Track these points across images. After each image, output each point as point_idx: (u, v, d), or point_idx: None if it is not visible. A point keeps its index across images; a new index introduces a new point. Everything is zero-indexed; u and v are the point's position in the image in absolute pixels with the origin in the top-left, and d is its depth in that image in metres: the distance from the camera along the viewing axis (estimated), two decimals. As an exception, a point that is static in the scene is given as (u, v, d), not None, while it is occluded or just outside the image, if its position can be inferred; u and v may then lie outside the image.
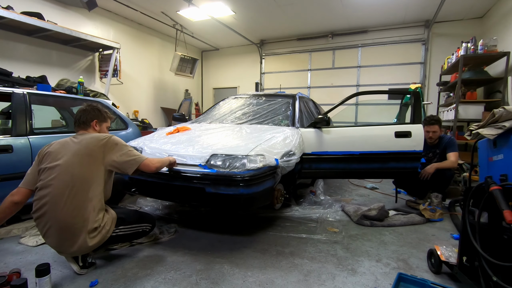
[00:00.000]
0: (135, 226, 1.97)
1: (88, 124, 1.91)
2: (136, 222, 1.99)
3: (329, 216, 2.94)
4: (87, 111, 1.92)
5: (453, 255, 1.84)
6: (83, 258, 1.84)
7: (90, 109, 1.93)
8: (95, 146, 1.76)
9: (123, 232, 1.90)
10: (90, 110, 1.93)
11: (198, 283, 1.75)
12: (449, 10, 5.88)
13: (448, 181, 3.15)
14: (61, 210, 1.65)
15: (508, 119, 1.74)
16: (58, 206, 1.65)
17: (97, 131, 1.93)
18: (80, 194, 1.68)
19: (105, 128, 2.01)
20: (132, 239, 2.10)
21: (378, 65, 7.37)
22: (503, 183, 1.45)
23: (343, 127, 3.08)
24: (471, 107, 4.83)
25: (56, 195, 1.66)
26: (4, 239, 2.37)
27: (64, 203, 1.65)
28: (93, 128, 1.92)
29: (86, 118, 1.90)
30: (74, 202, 1.66)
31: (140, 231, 2.02)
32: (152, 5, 6.04)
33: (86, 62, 5.91)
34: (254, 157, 2.17)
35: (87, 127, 1.91)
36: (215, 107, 4.00)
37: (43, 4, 4.99)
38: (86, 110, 1.92)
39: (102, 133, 1.90)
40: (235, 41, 8.53)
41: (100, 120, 1.96)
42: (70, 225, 1.66)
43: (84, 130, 1.90)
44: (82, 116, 1.90)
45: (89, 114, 1.91)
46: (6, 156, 2.39)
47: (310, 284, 1.76)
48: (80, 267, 1.81)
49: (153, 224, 2.12)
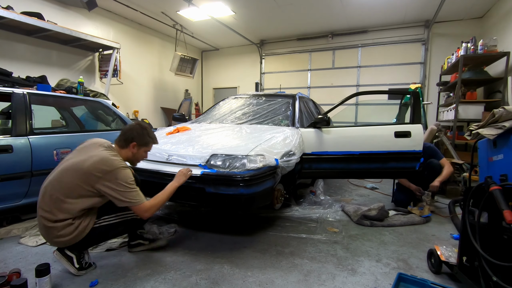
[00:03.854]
0: (120, 214, 1.85)
1: (127, 145, 1.85)
2: (121, 210, 1.85)
3: (329, 216, 2.94)
4: (131, 129, 1.87)
5: (453, 255, 1.84)
6: (78, 258, 1.80)
7: (135, 128, 1.88)
8: (95, 171, 1.66)
9: (108, 221, 1.81)
10: (134, 130, 1.87)
11: (198, 283, 1.75)
12: (449, 10, 5.88)
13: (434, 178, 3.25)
14: (41, 202, 1.72)
15: (508, 119, 1.74)
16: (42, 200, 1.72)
17: (132, 154, 1.87)
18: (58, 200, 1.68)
19: (143, 152, 1.92)
20: (124, 230, 1.95)
21: (378, 65, 7.38)
22: (503, 183, 1.45)
23: (343, 127, 3.08)
24: (471, 107, 4.82)
25: (43, 189, 1.74)
26: (4, 239, 2.37)
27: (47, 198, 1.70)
28: (130, 149, 1.86)
29: (127, 137, 1.85)
30: (51, 203, 1.69)
31: (129, 219, 1.88)
32: (152, 5, 6.04)
33: (86, 62, 5.91)
34: (254, 157, 2.17)
35: (124, 146, 1.86)
36: (215, 107, 4.00)
37: (43, 4, 5.00)
38: (132, 127, 1.89)
39: (113, 161, 1.71)
40: (235, 41, 8.53)
41: (139, 144, 1.87)
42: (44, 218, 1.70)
43: (119, 148, 1.86)
44: (126, 133, 1.86)
45: (132, 135, 1.85)
46: (6, 156, 2.39)
47: (310, 284, 1.76)
48: (76, 268, 1.78)
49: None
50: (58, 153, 2.75)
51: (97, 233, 1.80)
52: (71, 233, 1.69)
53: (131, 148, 1.86)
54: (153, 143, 1.97)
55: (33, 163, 2.55)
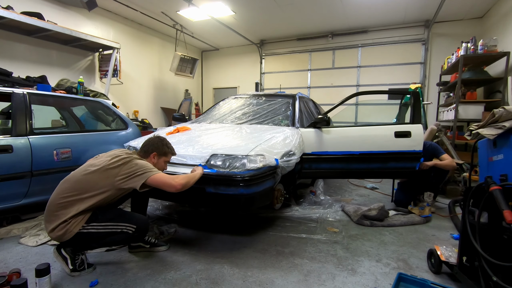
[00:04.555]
0: (110, 224, 1.78)
1: (148, 155, 1.98)
2: (112, 221, 1.79)
3: (329, 216, 2.94)
4: (150, 142, 2.01)
5: (453, 255, 1.84)
6: (72, 260, 1.80)
7: (154, 141, 2.02)
8: (113, 164, 1.78)
9: (95, 229, 1.75)
10: (153, 142, 2.01)
11: (198, 283, 1.75)
12: (449, 10, 5.88)
13: (441, 181, 3.24)
14: (57, 194, 1.77)
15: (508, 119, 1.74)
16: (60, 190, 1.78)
17: (153, 163, 1.96)
18: (76, 191, 1.75)
19: (163, 162, 2.03)
20: (111, 241, 1.83)
21: (378, 65, 7.37)
22: (503, 183, 1.45)
23: (343, 127, 3.08)
24: (471, 107, 4.82)
25: (66, 180, 1.81)
26: (4, 239, 2.37)
27: (65, 190, 1.76)
28: (150, 159, 1.97)
29: (147, 149, 1.99)
30: (69, 194, 1.74)
31: (119, 231, 1.78)
32: (152, 5, 6.04)
33: (86, 62, 5.91)
34: (254, 157, 2.17)
35: (145, 157, 1.98)
36: (215, 107, 4.00)
37: (43, 4, 4.99)
38: (151, 140, 2.02)
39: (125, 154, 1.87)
40: (235, 41, 8.53)
41: (159, 154, 2.00)
42: (53, 209, 1.74)
43: (141, 157, 1.96)
44: (145, 146, 2.00)
45: (151, 146, 1.99)
46: (6, 156, 2.39)
47: (310, 284, 1.76)
48: (70, 269, 1.79)
49: (138, 227, 1.83)
50: (58, 153, 2.75)
51: (81, 238, 1.75)
52: (61, 229, 1.72)
53: (151, 158, 1.98)
54: (171, 154, 2.08)
55: (33, 163, 2.55)
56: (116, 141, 3.35)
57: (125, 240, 1.87)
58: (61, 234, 1.72)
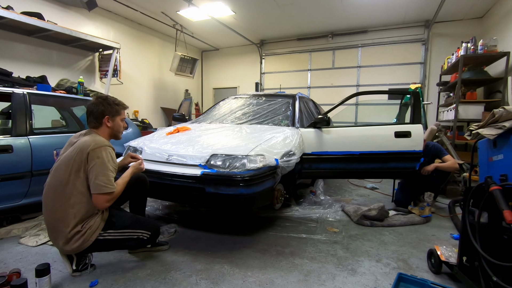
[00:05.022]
0: (127, 231, 1.79)
1: (100, 123, 1.76)
2: (129, 228, 1.80)
3: (329, 216, 2.94)
4: (96, 105, 1.75)
5: (453, 255, 1.84)
6: (78, 261, 1.80)
7: (99, 102, 1.76)
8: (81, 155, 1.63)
9: (112, 236, 1.74)
10: (99, 103, 1.76)
11: (198, 283, 1.75)
12: (449, 10, 5.88)
13: (442, 181, 3.24)
14: (47, 210, 1.69)
15: (508, 119, 1.74)
16: (46, 206, 1.69)
17: (110, 128, 1.79)
18: (61, 199, 1.64)
19: (119, 121, 1.83)
20: (127, 246, 1.88)
21: (378, 65, 7.37)
22: (503, 183, 1.45)
23: (343, 127, 3.08)
24: (471, 107, 4.82)
25: (45, 194, 1.70)
26: (4, 239, 2.37)
27: (51, 204, 1.67)
28: (105, 125, 1.77)
29: (97, 114, 1.74)
30: (57, 205, 1.65)
31: (135, 238, 1.80)
32: (152, 5, 6.04)
33: (86, 62, 5.91)
34: (254, 157, 2.17)
35: (98, 125, 1.77)
36: (215, 107, 4.00)
37: (43, 4, 4.99)
38: (95, 103, 1.76)
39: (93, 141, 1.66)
40: (235, 41, 8.53)
41: (111, 115, 1.78)
42: (52, 225, 1.68)
43: (95, 129, 1.78)
44: (93, 111, 1.74)
45: (99, 109, 1.74)
46: (6, 156, 2.39)
47: (310, 284, 1.76)
48: (73, 270, 1.79)
49: (153, 232, 1.88)
50: (58, 153, 2.72)
51: (98, 245, 1.73)
52: (77, 241, 1.65)
53: (106, 123, 1.77)
54: (123, 108, 1.87)
55: (33, 163, 2.55)
56: (116, 141, 3.35)
57: (139, 245, 1.90)
58: (78, 245, 1.65)
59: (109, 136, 1.83)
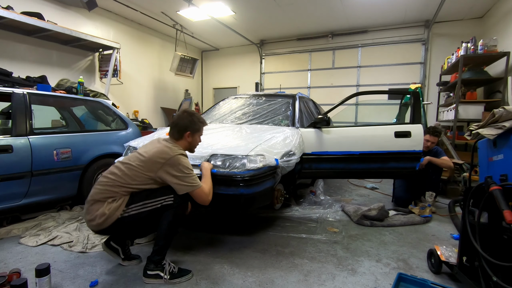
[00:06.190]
0: (148, 201, 1.72)
1: (182, 136, 1.89)
2: (149, 197, 1.73)
3: (329, 216, 2.94)
4: (182, 119, 1.89)
5: (453, 255, 1.84)
6: (124, 250, 1.92)
7: (185, 117, 1.91)
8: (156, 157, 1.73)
9: (136, 210, 1.70)
10: (185, 118, 1.90)
11: (198, 283, 1.75)
12: (449, 10, 5.88)
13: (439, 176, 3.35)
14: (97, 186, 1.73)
15: (508, 119, 1.73)
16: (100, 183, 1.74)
17: (188, 143, 1.91)
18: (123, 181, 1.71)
19: (198, 137, 1.97)
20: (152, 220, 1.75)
21: (378, 65, 7.37)
22: (503, 183, 1.44)
23: (343, 127, 3.08)
24: (471, 107, 4.82)
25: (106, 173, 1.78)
26: (4, 239, 2.37)
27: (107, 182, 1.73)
28: (185, 139, 1.90)
29: (180, 128, 1.88)
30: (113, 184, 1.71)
31: (160, 207, 1.73)
32: (152, 5, 6.04)
33: (86, 62, 5.91)
34: (254, 157, 2.17)
35: (179, 138, 1.89)
36: (215, 107, 4.00)
37: (43, 4, 4.99)
38: (181, 117, 1.91)
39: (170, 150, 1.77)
40: (235, 41, 8.53)
41: (192, 131, 1.91)
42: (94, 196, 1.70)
43: (175, 140, 1.89)
44: (178, 125, 1.89)
45: (183, 125, 1.89)
46: (6, 156, 2.39)
47: (310, 284, 1.76)
48: (122, 259, 1.93)
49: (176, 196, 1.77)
50: (58, 153, 2.75)
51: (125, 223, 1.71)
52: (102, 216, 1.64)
53: (186, 138, 1.90)
54: (204, 125, 2.01)
55: (33, 163, 2.55)
56: (116, 141, 3.35)
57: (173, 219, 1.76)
58: (102, 221, 1.64)
59: (185, 149, 1.93)
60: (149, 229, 1.93)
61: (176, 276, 1.78)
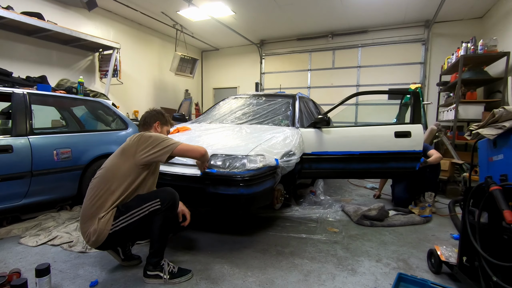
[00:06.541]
0: (135, 211, 1.68)
1: (151, 126, 1.98)
2: (134, 207, 1.68)
3: (329, 216, 2.94)
4: (151, 114, 2.02)
5: (453, 255, 1.84)
6: (124, 251, 1.93)
7: (154, 112, 2.03)
8: (130, 142, 1.77)
9: (124, 222, 1.66)
10: (154, 113, 2.03)
11: (198, 283, 1.75)
12: (449, 10, 5.88)
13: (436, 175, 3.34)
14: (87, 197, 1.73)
15: (508, 119, 1.73)
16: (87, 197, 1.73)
17: (158, 132, 1.98)
18: (104, 184, 1.70)
19: (165, 131, 2.06)
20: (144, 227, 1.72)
21: (378, 65, 7.37)
22: (503, 183, 1.44)
23: (343, 127, 3.08)
24: (471, 107, 4.82)
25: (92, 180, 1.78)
26: (4, 239, 2.37)
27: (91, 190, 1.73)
28: (154, 129, 1.98)
29: (150, 120, 1.99)
30: (96, 192, 1.69)
31: (147, 213, 1.69)
32: (152, 5, 6.04)
33: (86, 62, 5.90)
34: (254, 157, 2.17)
35: (149, 128, 1.98)
36: (215, 107, 4.00)
37: (43, 4, 4.99)
38: (150, 112, 2.03)
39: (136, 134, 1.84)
40: (235, 41, 8.53)
41: (162, 123, 2.02)
42: (84, 213, 1.69)
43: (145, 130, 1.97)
44: (146, 118, 2.00)
45: (153, 117, 2.00)
46: (6, 156, 2.39)
47: (310, 284, 1.76)
48: (122, 259, 1.93)
49: (162, 199, 1.72)
50: (58, 153, 2.75)
51: (116, 238, 1.69)
52: (94, 234, 1.63)
53: (155, 128, 1.98)
54: (170, 123, 2.11)
55: (33, 163, 2.55)
56: (116, 141, 3.35)
57: (163, 222, 1.72)
58: (95, 239, 1.64)
59: None
60: (146, 234, 1.84)
61: (176, 276, 1.78)
